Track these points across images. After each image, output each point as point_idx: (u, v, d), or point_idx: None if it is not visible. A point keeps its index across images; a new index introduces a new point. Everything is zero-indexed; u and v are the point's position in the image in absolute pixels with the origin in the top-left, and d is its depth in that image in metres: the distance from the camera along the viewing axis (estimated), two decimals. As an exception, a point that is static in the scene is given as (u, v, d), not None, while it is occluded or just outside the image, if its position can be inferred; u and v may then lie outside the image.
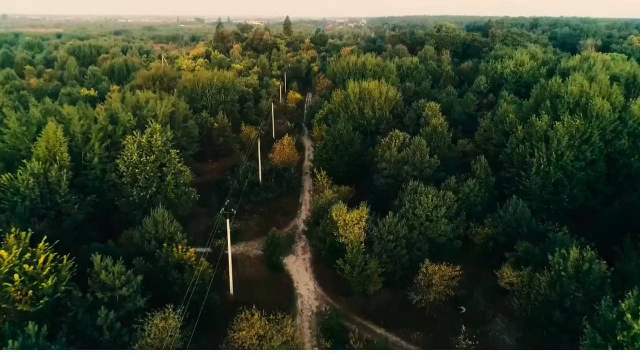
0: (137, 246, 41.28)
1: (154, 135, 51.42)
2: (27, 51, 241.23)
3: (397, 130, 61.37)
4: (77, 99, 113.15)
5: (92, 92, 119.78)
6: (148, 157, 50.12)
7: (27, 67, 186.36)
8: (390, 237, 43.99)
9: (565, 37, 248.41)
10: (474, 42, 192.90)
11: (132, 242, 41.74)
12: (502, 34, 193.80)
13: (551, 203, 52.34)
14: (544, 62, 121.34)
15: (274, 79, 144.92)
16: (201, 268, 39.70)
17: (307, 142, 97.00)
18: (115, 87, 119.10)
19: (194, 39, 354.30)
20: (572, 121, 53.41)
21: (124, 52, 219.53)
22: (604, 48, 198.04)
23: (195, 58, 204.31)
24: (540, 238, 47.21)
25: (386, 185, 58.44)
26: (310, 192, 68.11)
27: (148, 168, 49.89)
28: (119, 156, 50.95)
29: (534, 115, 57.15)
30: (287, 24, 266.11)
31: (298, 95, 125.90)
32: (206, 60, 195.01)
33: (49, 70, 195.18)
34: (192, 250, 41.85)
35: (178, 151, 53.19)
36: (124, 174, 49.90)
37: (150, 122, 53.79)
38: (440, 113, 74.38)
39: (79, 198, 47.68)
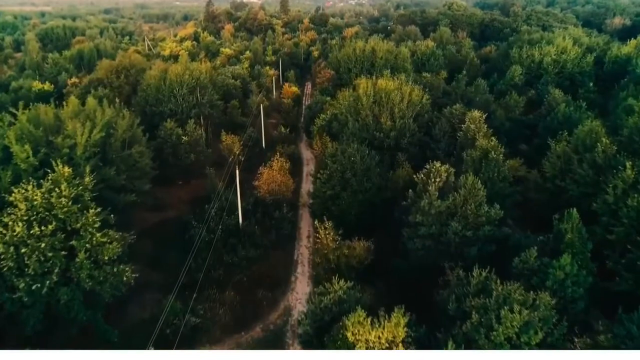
0: None
1: (58, 187, 31.85)
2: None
3: (437, 164, 41.47)
4: (26, 97, 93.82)
5: (47, 86, 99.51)
6: (43, 228, 30.59)
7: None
8: (453, 392, 24.76)
9: (589, 16, 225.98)
10: (493, 22, 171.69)
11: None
12: (525, 14, 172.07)
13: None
14: (589, 49, 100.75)
15: (268, 67, 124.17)
16: None
17: (306, 153, 77.22)
18: (74, 80, 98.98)
19: (186, 18, 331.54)
20: None
21: (103, 33, 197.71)
22: (633, 28, 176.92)
23: (182, 40, 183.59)
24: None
25: (423, 249, 39.04)
26: (309, 246, 48.48)
27: (43, 245, 30.38)
28: (-2, 222, 31.36)
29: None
30: (284, 2, 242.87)
31: (295, 89, 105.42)
32: (194, 42, 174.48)
33: (19, 54, 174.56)
34: None
35: (98, 210, 33.43)
36: (2, 257, 30.37)
37: (57, 162, 34.01)
38: (485, 126, 54.68)
39: None
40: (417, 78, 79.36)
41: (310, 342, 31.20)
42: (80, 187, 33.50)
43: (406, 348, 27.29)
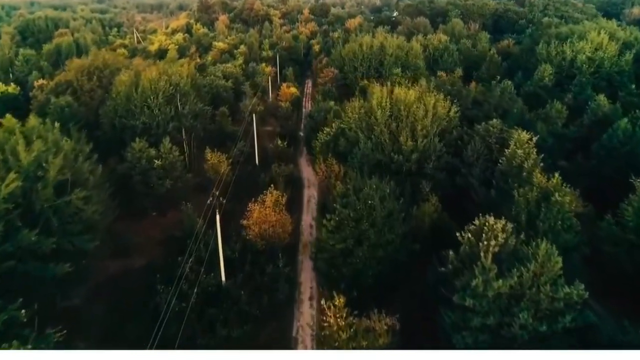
0: None
1: None
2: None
3: (490, 220, 29.67)
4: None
5: (12, 88, 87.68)
6: None
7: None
8: None
9: (605, 6, 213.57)
10: (507, 12, 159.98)
11: None
12: (542, 3, 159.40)
13: None
14: (625, 44, 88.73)
15: (264, 64, 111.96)
16: None
17: (307, 171, 65.39)
18: (41, 81, 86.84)
19: (181, 8, 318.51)
20: None
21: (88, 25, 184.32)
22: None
23: (173, 32, 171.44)
24: None
25: (476, 344, 27.55)
26: (311, 325, 36.66)
27: None
28: None
29: None
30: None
31: (294, 90, 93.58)
32: (186, 35, 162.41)
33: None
34: None
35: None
36: None
37: None
38: (535, 149, 42.93)
39: None
40: (440, 83, 67.34)
41: None
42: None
43: None
